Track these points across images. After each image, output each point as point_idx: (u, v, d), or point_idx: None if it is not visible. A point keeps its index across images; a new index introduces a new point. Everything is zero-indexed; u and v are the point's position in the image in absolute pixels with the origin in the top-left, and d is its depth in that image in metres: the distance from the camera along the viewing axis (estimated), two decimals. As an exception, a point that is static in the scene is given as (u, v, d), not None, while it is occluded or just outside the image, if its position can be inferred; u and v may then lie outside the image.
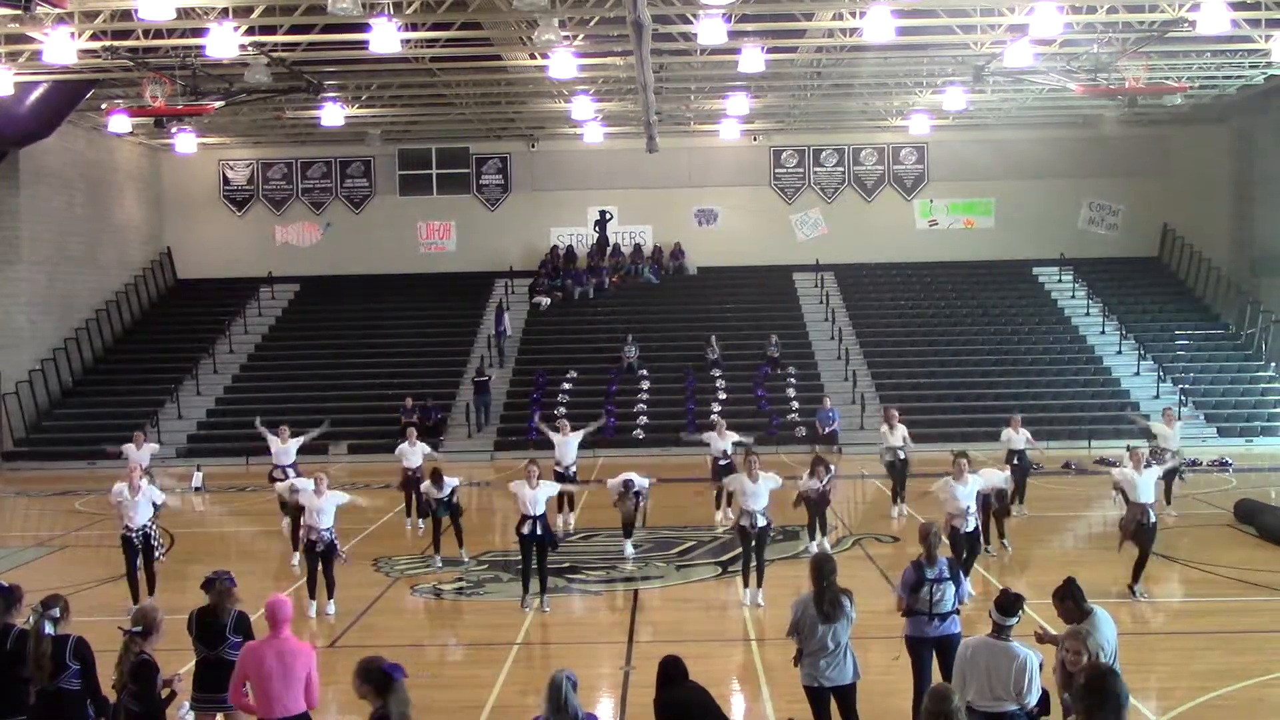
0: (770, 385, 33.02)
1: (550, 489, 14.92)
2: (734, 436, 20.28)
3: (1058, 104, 34.40)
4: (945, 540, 13.73)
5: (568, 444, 19.73)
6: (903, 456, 20.43)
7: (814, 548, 16.71)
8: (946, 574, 9.48)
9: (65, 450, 30.65)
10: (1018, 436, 19.77)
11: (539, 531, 14.29)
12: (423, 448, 20.13)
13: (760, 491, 14.23)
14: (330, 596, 14.34)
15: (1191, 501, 20.80)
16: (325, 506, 14.30)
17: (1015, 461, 19.62)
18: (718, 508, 20.09)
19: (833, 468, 17.76)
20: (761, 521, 14.22)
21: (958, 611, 9.54)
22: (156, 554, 14.80)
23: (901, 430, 20.39)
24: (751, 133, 38.53)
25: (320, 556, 14.32)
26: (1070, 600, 7.99)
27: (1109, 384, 32.73)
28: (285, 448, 20.24)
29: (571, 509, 20.13)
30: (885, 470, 20.97)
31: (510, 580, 15.82)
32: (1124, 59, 25.58)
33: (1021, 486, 19.85)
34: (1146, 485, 14.35)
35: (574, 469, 19.84)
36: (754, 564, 14.28)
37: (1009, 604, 7.82)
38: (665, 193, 39.12)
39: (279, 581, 16.18)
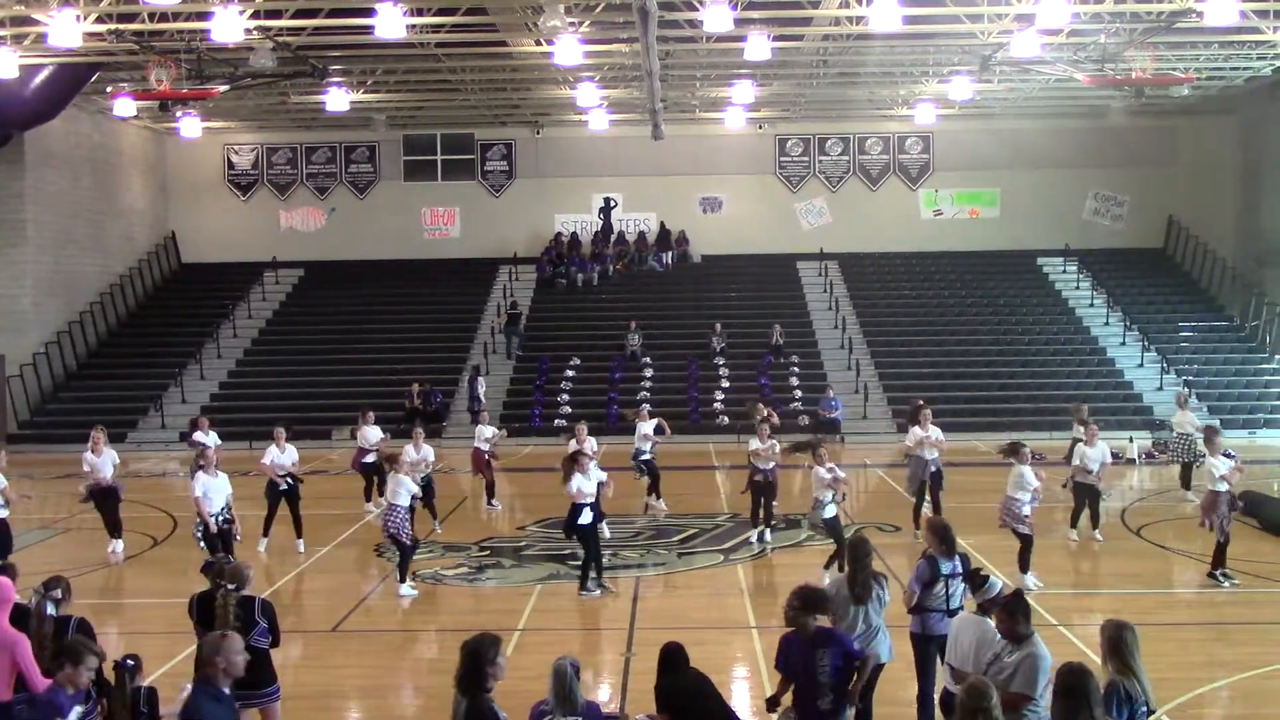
0: (773, 374, 33.03)
1: (599, 474, 14.77)
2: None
3: (1064, 94, 34.32)
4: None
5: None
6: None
7: (755, 538, 17.01)
8: (960, 569, 9.12)
9: (69, 433, 30.56)
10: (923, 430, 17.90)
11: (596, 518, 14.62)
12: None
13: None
14: None
15: (1195, 493, 20.73)
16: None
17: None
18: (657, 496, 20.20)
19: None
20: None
21: (963, 607, 9.20)
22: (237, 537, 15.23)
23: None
24: (757, 121, 38.45)
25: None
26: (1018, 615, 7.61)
27: (1112, 375, 32.70)
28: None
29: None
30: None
31: (512, 566, 15.92)
32: (1131, 49, 25.50)
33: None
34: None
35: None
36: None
37: (980, 582, 8.19)
38: (670, 180, 39.07)
39: (284, 565, 16.29)
